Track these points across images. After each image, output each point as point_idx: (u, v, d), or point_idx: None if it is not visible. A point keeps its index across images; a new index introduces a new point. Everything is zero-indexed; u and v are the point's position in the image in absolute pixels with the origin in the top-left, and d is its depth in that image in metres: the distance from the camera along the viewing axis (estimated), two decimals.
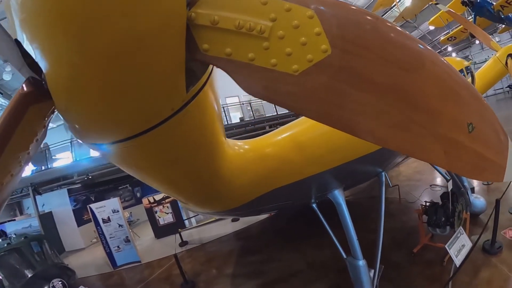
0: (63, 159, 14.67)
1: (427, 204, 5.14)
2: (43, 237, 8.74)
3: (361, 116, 1.02)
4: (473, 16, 12.44)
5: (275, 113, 17.16)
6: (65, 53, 0.89)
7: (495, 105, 22.64)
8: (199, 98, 1.19)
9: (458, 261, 3.80)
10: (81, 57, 0.90)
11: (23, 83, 1.06)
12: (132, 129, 1.16)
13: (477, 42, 26.14)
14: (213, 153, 1.88)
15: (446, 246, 3.87)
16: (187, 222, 11.13)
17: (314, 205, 4.00)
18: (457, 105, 1.17)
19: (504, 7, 11.27)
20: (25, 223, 12.91)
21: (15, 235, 8.76)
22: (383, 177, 4.15)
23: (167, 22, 0.90)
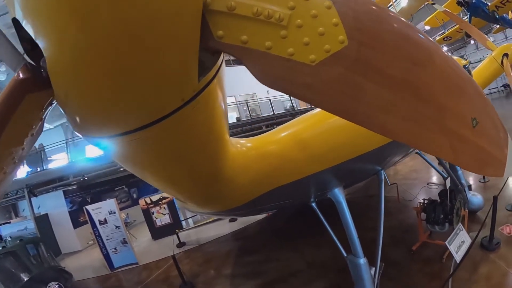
0: (58, 160, 14.57)
1: (425, 202, 5.16)
2: (39, 239, 8.63)
3: (375, 108, 1.02)
4: (468, 16, 12.56)
5: (272, 113, 17.23)
6: (70, 31, 0.79)
7: None
8: (208, 90, 1.15)
9: (458, 257, 3.84)
10: (88, 36, 0.80)
11: (19, 69, 0.96)
12: (139, 120, 1.09)
13: (472, 42, 26.42)
14: (218, 150, 1.85)
15: (446, 242, 3.90)
16: (184, 223, 11.08)
17: (313, 204, 4.00)
18: (463, 100, 1.20)
19: (499, 7, 11.43)
20: (20, 225, 12.69)
21: (10, 238, 8.64)
22: (382, 175, 4.15)
23: (183, 3, 0.87)
